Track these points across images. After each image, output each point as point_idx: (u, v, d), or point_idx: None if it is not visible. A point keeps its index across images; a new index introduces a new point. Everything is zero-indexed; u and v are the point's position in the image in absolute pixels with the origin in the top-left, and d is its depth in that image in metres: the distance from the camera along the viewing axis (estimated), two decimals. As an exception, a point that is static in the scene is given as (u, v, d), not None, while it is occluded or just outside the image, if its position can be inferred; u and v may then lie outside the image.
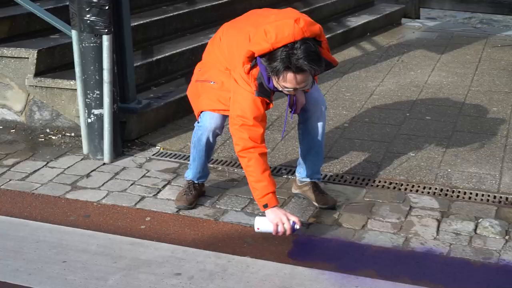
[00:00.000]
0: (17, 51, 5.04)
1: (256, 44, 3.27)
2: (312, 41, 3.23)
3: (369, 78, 6.28)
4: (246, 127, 3.39)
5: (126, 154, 4.67)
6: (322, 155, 3.92)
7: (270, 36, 3.20)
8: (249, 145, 3.40)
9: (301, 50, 3.15)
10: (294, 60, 3.15)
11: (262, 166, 3.41)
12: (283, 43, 3.18)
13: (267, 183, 3.40)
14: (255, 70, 3.37)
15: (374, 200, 3.98)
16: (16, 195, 4.09)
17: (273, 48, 3.20)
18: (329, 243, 3.52)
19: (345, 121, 5.20)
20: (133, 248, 3.47)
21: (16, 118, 5.26)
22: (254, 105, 3.40)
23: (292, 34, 3.17)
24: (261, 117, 3.44)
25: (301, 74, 3.21)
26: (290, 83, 3.25)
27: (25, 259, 3.37)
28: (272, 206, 3.40)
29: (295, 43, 3.16)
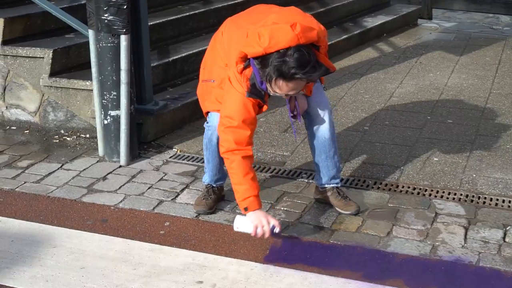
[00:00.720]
0: (32, 50, 4.96)
1: (249, 46, 3.18)
2: (306, 48, 3.12)
3: (387, 80, 6.17)
4: (232, 129, 3.33)
5: (142, 157, 4.58)
6: (335, 159, 3.79)
7: (264, 40, 3.10)
8: (233, 147, 3.33)
9: (293, 58, 3.06)
10: (285, 68, 3.07)
11: (244, 169, 3.35)
12: (276, 49, 3.09)
13: (248, 187, 3.35)
14: (249, 70, 3.29)
15: (398, 206, 3.88)
16: (31, 198, 4.01)
17: (266, 53, 3.11)
18: (353, 251, 3.42)
19: (365, 123, 5.09)
20: (152, 255, 3.37)
21: (30, 119, 5.18)
22: (243, 107, 3.32)
23: (286, 40, 3.08)
24: (250, 120, 3.35)
25: (292, 82, 3.14)
26: (281, 90, 3.19)
27: (42, 265, 3.28)
28: (252, 209, 3.35)
29: (289, 50, 3.07)
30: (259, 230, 3.32)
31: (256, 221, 3.33)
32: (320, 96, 3.67)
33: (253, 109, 3.36)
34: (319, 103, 3.65)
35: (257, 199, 3.37)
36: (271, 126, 5.04)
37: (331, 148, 3.75)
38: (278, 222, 3.38)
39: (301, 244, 3.48)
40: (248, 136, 3.35)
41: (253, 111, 3.35)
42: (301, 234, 3.59)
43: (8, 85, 5.18)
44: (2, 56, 5.07)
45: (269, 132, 4.93)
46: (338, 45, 6.92)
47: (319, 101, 3.65)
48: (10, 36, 5.08)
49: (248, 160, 3.37)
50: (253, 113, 3.36)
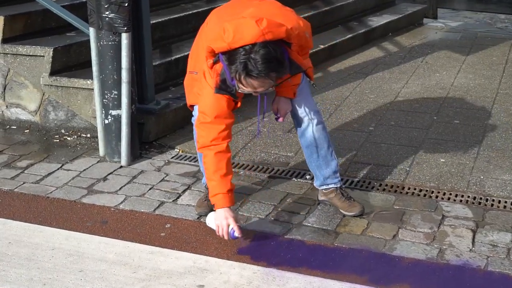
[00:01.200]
0: (32, 49, 4.89)
1: (214, 40, 3.11)
2: (273, 45, 3.03)
3: (393, 80, 6.09)
4: (205, 124, 3.30)
5: (144, 157, 4.50)
6: (328, 158, 3.71)
7: (228, 35, 3.03)
8: (207, 143, 3.31)
9: (259, 54, 2.98)
10: (250, 65, 3.00)
11: (216, 165, 3.30)
12: (240, 44, 3.01)
13: (216, 183, 3.31)
14: (219, 65, 3.21)
15: (404, 208, 3.80)
16: (30, 199, 3.94)
17: (231, 48, 3.04)
18: (359, 254, 3.34)
19: (370, 124, 5.01)
20: (152, 257, 3.30)
21: (30, 118, 5.11)
22: (216, 102, 3.26)
23: (251, 35, 3.00)
24: (224, 114, 3.29)
25: (259, 80, 3.05)
26: (248, 87, 3.11)
27: (40, 267, 3.20)
28: (219, 207, 3.31)
29: (254, 46, 2.99)
30: (219, 231, 3.31)
31: (218, 221, 3.31)
32: (304, 98, 3.60)
33: (227, 104, 3.28)
34: (303, 105, 3.59)
35: (225, 197, 3.31)
36: (274, 127, 4.96)
37: (322, 148, 3.68)
38: (238, 227, 3.30)
39: (305, 247, 3.40)
40: (222, 130, 3.29)
41: (226, 106, 3.28)
42: (304, 236, 3.51)
43: (8, 84, 5.11)
44: (2, 55, 5.00)
45: (272, 132, 4.85)
46: (343, 44, 6.85)
47: (303, 103, 3.59)
48: (10, 34, 5.01)
49: (221, 155, 3.31)
50: (227, 108, 3.29)
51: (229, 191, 3.32)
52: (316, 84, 3.67)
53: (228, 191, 3.32)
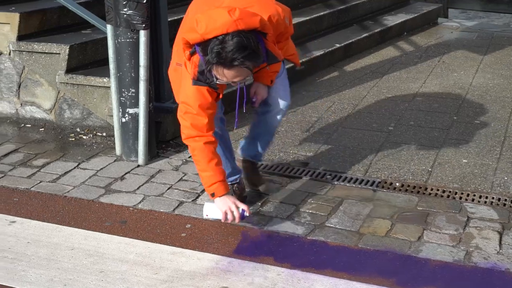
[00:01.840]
0: (48, 46, 4.83)
1: (188, 32, 3.08)
2: (246, 34, 2.98)
3: (410, 79, 6.01)
4: (190, 115, 3.26)
5: (161, 156, 4.44)
6: (269, 144, 3.92)
7: (201, 26, 2.99)
8: (193, 134, 3.27)
9: (232, 43, 2.94)
10: (223, 54, 2.95)
11: (208, 155, 3.28)
12: (213, 35, 2.97)
13: (212, 173, 3.28)
14: (196, 56, 3.16)
15: (428, 209, 3.72)
16: (47, 198, 3.88)
17: (204, 39, 3.00)
18: (384, 256, 3.27)
19: (389, 124, 4.94)
20: (174, 258, 3.23)
21: (45, 117, 5.06)
22: (198, 93, 3.22)
23: (224, 26, 2.95)
24: (207, 105, 3.25)
25: (233, 69, 3.01)
26: (223, 77, 3.06)
27: (60, 268, 3.14)
28: (218, 196, 3.29)
29: (226, 36, 2.95)
30: (229, 216, 3.28)
31: (225, 207, 3.28)
32: (283, 88, 3.63)
33: (209, 94, 3.24)
34: (280, 96, 3.62)
35: (223, 184, 3.30)
36: (292, 126, 4.89)
37: (272, 136, 3.85)
38: (247, 207, 3.32)
39: (328, 249, 3.33)
40: (207, 122, 3.26)
41: (209, 96, 3.24)
42: (328, 237, 3.44)
43: (23, 81, 5.06)
44: (17, 52, 4.95)
45: (290, 132, 4.78)
46: (359, 43, 6.78)
47: (281, 94, 3.62)
48: (25, 31, 4.96)
49: (210, 145, 3.29)
50: (210, 98, 3.25)
51: (224, 178, 3.33)
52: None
53: (223, 178, 3.32)
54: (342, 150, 4.48)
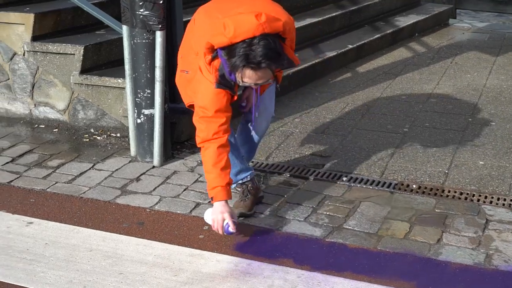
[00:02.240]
0: (62, 47, 4.83)
1: (214, 36, 3.15)
2: (272, 38, 3.09)
3: (423, 81, 5.99)
4: (206, 119, 3.30)
5: (176, 157, 4.43)
6: (254, 153, 3.91)
7: (229, 30, 3.07)
8: (208, 137, 3.31)
9: (259, 46, 3.03)
10: (251, 57, 3.05)
11: (216, 158, 3.30)
12: (241, 38, 3.06)
13: (215, 176, 3.30)
14: (217, 61, 3.25)
15: (446, 211, 3.71)
16: (64, 199, 3.87)
17: (231, 43, 3.08)
18: (403, 259, 3.25)
19: (404, 125, 4.92)
20: (193, 260, 3.22)
21: (59, 117, 5.05)
22: (215, 97, 3.28)
23: (252, 29, 3.05)
24: (225, 108, 3.31)
25: (259, 71, 3.11)
26: (248, 79, 3.15)
27: (79, 269, 3.13)
28: (217, 200, 3.29)
29: (254, 39, 3.05)
30: (215, 225, 3.29)
31: (215, 214, 3.29)
32: (268, 101, 3.67)
33: (226, 98, 3.31)
34: (265, 108, 3.66)
35: (223, 189, 3.30)
36: (307, 127, 4.88)
37: (257, 144, 3.84)
38: (232, 222, 3.27)
39: (347, 251, 3.31)
40: (223, 124, 3.31)
41: (225, 99, 3.31)
42: (346, 240, 3.42)
43: (36, 82, 5.06)
44: (31, 53, 4.94)
45: (305, 133, 4.77)
46: (371, 44, 6.76)
47: (265, 105, 3.65)
48: (40, 32, 4.95)
49: (222, 149, 3.32)
50: (226, 102, 3.31)
51: (227, 184, 3.32)
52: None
53: (226, 184, 3.31)
54: (357, 151, 4.46)
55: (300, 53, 6.09)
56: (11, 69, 5.11)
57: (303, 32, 6.34)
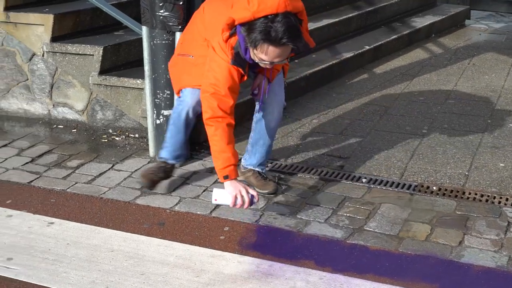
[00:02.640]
0: (82, 47, 4.84)
1: (237, 11, 3.22)
2: (293, 16, 3.18)
3: (441, 82, 5.97)
4: (218, 96, 3.34)
5: (194, 158, 4.43)
6: (270, 149, 3.92)
7: (253, 4, 3.14)
8: (219, 114, 3.34)
9: (281, 23, 3.10)
10: (273, 32, 3.10)
11: (228, 137, 3.36)
12: (264, 14, 3.12)
13: (230, 155, 3.35)
14: (233, 39, 3.30)
15: (467, 213, 3.69)
16: (84, 199, 3.88)
17: (254, 18, 3.14)
18: (426, 261, 3.24)
19: (423, 127, 4.90)
20: (214, 261, 3.22)
21: (77, 118, 5.07)
22: (229, 75, 3.33)
23: (275, 6, 3.12)
24: (235, 88, 3.37)
25: (279, 48, 3.16)
26: (267, 56, 3.20)
27: (101, 270, 3.14)
28: (232, 178, 3.33)
29: (277, 16, 3.11)
30: (238, 201, 3.29)
31: (235, 191, 3.29)
32: (278, 88, 3.73)
33: (237, 77, 3.36)
34: (275, 94, 3.71)
35: (236, 168, 3.37)
36: (325, 128, 4.87)
37: (272, 138, 3.86)
38: (256, 193, 3.34)
39: (369, 253, 3.30)
40: (232, 105, 3.37)
41: (237, 79, 3.36)
42: (367, 242, 3.42)
43: (55, 82, 5.07)
44: (51, 53, 4.96)
45: (324, 135, 4.76)
46: (388, 45, 6.73)
47: (276, 92, 3.71)
48: (59, 33, 4.97)
49: (231, 128, 3.38)
50: (238, 82, 3.38)
51: (237, 162, 3.39)
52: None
53: (237, 162, 3.39)
54: (376, 153, 4.44)
55: (317, 54, 6.10)
56: (30, 69, 5.13)
57: (319, 33, 6.34)
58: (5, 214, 3.70)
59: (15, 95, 5.26)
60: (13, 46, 5.14)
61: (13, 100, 5.27)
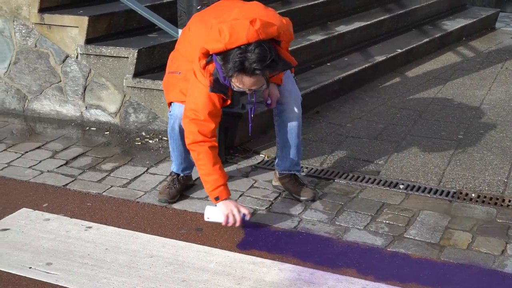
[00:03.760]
0: (116, 50, 4.83)
1: (210, 42, 3.22)
2: (267, 44, 3.15)
3: (474, 86, 5.90)
4: (197, 121, 3.39)
5: (229, 162, 4.41)
6: (299, 148, 3.87)
7: (224, 36, 3.13)
8: (199, 139, 3.40)
9: (254, 53, 3.10)
10: (247, 64, 3.11)
11: (212, 159, 3.41)
12: (236, 44, 3.13)
13: (217, 176, 3.42)
14: (211, 65, 3.32)
15: (508, 222, 3.63)
16: (120, 203, 3.87)
17: (227, 48, 3.15)
18: (468, 270, 3.19)
19: (458, 132, 4.84)
20: (255, 268, 3.19)
21: (110, 120, 5.06)
22: (208, 100, 3.37)
23: (246, 36, 3.11)
24: (215, 112, 3.42)
25: (253, 77, 3.17)
26: (242, 85, 3.22)
27: (141, 276, 3.12)
28: (223, 199, 3.42)
29: (249, 46, 3.11)
30: (230, 219, 3.39)
31: (227, 210, 3.39)
32: (291, 84, 3.73)
33: (218, 102, 3.40)
34: (289, 92, 3.70)
35: (226, 188, 3.44)
36: (359, 133, 4.83)
37: (298, 136, 3.81)
38: (248, 211, 3.42)
39: (410, 261, 3.26)
40: (213, 128, 3.42)
41: (218, 104, 3.41)
42: (408, 250, 3.37)
43: (88, 85, 5.07)
44: (85, 55, 4.96)
45: (358, 139, 4.71)
46: (419, 48, 6.68)
47: (289, 90, 3.70)
48: (93, 35, 4.96)
49: (214, 150, 3.43)
50: (218, 106, 3.42)
51: (226, 182, 3.47)
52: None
53: (226, 182, 3.46)
54: (413, 158, 4.40)
55: (349, 57, 6.06)
56: (63, 71, 5.13)
57: (351, 36, 6.30)
58: (42, 217, 3.69)
59: (48, 96, 5.26)
60: (47, 48, 5.14)
61: (46, 101, 5.28)
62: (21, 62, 5.27)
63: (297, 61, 3.52)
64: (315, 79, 5.39)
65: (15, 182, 4.15)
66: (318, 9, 6.51)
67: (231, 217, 3.39)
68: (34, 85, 5.28)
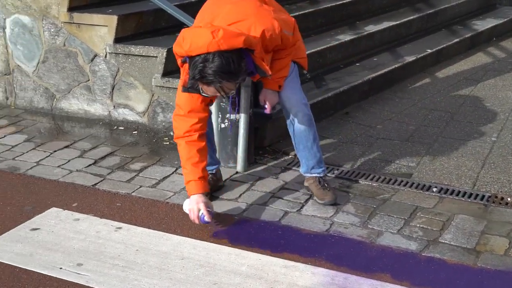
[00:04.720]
0: (145, 49, 4.80)
1: (175, 45, 3.27)
2: (228, 54, 3.11)
3: (507, 87, 5.80)
4: (179, 117, 3.47)
5: (258, 163, 4.36)
6: (314, 149, 3.82)
7: (186, 43, 3.17)
8: (180, 134, 3.47)
9: (212, 65, 3.09)
10: (204, 73, 3.12)
11: (188, 153, 3.45)
12: (196, 53, 3.13)
13: (188, 171, 3.46)
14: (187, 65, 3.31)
15: (545, 227, 3.55)
16: (150, 204, 3.83)
17: (188, 55, 3.18)
18: (507, 277, 3.11)
19: (492, 134, 4.75)
20: (288, 272, 3.13)
21: (137, 119, 5.04)
22: (189, 98, 3.41)
23: (205, 45, 3.10)
24: (197, 109, 3.45)
25: (212, 86, 3.17)
26: (206, 91, 3.24)
27: (172, 278, 3.08)
28: (192, 193, 3.44)
29: (208, 55, 3.10)
30: (190, 216, 3.43)
31: (190, 205, 3.43)
32: (291, 90, 3.68)
33: (201, 100, 3.42)
34: (290, 97, 3.68)
35: (196, 183, 3.44)
36: (390, 134, 4.76)
37: (308, 139, 3.78)
38: (207, 212, 3.40)
39: (446, 267, 3.19)
40: (195, 123, 3.44)
41: (200, 101, 3.43)
42: (444, 255, 3.30)
43: (117, 84, 5.05)
44: (113, 54, 4.93)
45: (389, 141, 4.64)
46: (449, 48, 6.59)
47: (290, 95, 3.68)
48: (122, 34, 4.94)
49: (192, 144, 3.46)
50: (201, 103, 3.43)
51: (200, 178, 3.45)
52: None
53: (199, 178, 3.45)
54: (445, 161, 4.32)
55: (379, 57, 5.99)
56: (92, 70, 5.11)
57: (380, 36, 6.23)
58: (72, 217, 3.67)
59: (76, 95, 5.25)
60: (75, 47, 5.13)
61: (74, 100, 5.27)
62: (50, 61, 5.26)
63: (326, 61, 3.48)
64: (345, 80, 5.32)
65: (44, 181, 4.14)
66: (347, 8, 6.45)
67: (191, 214, 3.43)
68: (62, 84, 5.27)
